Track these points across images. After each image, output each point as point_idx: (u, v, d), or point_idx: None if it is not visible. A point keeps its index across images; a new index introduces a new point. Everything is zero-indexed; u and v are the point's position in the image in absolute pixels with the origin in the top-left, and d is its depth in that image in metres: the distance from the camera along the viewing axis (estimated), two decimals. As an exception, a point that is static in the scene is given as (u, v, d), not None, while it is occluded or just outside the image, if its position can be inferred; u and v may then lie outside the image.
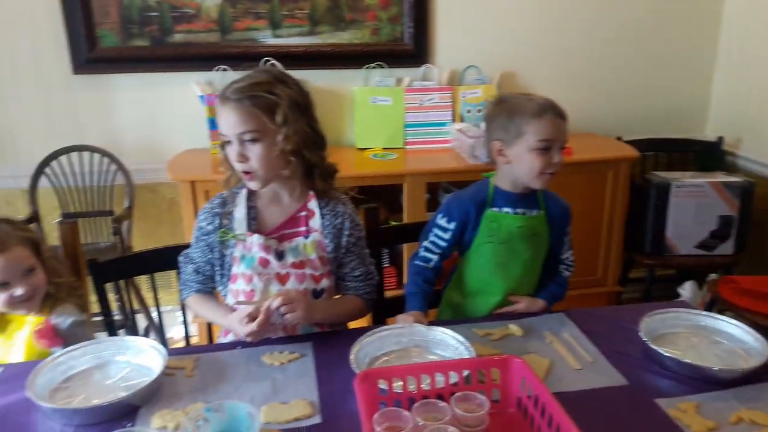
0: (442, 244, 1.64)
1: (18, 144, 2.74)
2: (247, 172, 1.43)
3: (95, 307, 1.69)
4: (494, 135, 1.58)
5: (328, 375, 1.30)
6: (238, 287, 1.50)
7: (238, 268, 1.49)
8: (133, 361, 1.34)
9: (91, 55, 2.65)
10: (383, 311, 1.77)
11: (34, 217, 2.68)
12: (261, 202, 1.53)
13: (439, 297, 1.72)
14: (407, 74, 2.95)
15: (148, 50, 2.71)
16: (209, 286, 1.58)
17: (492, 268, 1.62)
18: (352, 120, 2.95)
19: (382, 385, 1.14)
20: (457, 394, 1.12)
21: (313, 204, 1.53)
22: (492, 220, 1.60)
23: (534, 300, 1.65)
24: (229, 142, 1.41)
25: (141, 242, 2.85)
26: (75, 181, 2.74)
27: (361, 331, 1.42)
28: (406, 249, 2.67)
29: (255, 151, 1.39)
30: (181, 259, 1.61)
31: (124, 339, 1.38)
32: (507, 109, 1.56)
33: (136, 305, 2.72)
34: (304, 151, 1.46)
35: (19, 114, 2.72)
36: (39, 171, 2.66)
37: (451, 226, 1.62)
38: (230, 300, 1.53)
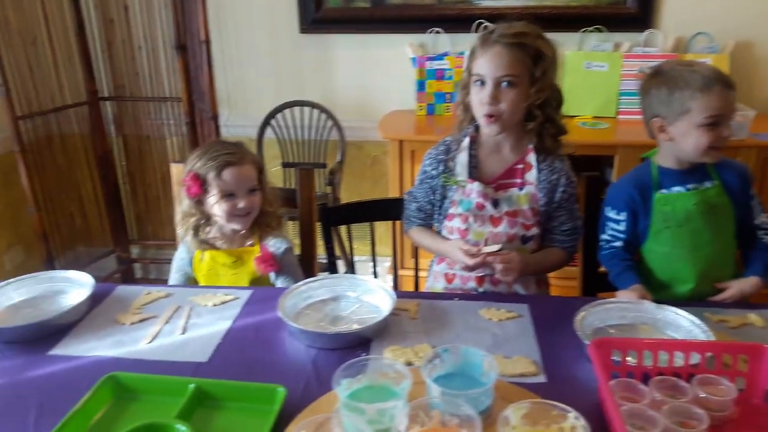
0: (621, 235, 1.56)
1: (250, 97, 3.03)
2: (491, 116, 1.47)
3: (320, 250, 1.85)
4: (653, 111, 1.46)
5: (548, 338, 1.29)
6: (454, 225, 1.60)
7: (455, 209, 1.59)
8: (363, 298, 1.44)
9: (317, 15, 2.84)
10: (596, 286, 1.72)
11: (259, 164, 2.97)
12: (482, 151, 1.59)
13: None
14: (627, 39, 2.77)
15: (367, 11, 2.83)
16: (428, 222, 1.69)
17: (677, 255, 1.50)
18: (561, 85, 2.83)
19: (616, 356, 1.11)
20: (699, 376, 1.06)
21: (531, 158, 1.56)
22: (664, 203, 1.49)
23: (744, 281, 1.47)
24: (480, 82, 1.46)
25: (344, 195, 3.04)
26: (295, 134, 2.98)
27: (583, 301, 1.38)
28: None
29: (509, 95, 1.45)
30: (405, 197, 1.73)
31: (356, 277, 1.48)
32: (667, 82, 1.43)
33: (337, 252, 2.91)
34: (547, 107, 1.49)
35: (253, 70, 3.00)
36: (266, 122, 2.93)
37: (622, 216, 1.55)
38: (445, 234, 1.64)
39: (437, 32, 2.80)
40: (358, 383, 1.06)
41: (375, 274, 1.98)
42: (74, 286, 1.50)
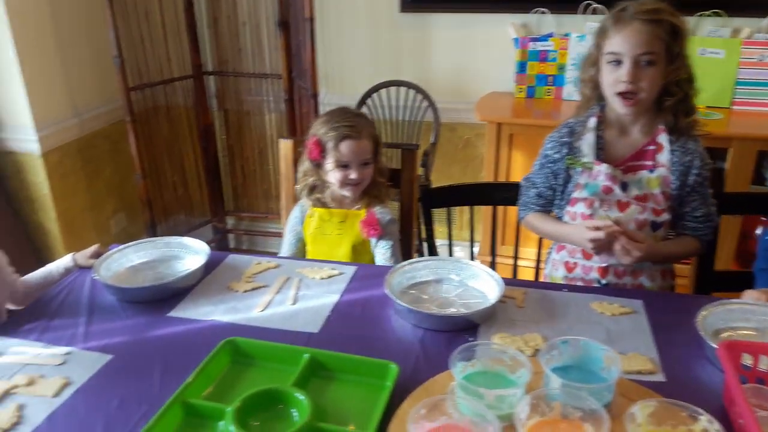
0: None
1: (347, 75, 3.05)
2: (628, 95, 1.43)
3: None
4: None
5: (666, 336, 1.24)
6: (577, 210, 1.55)
7: (579, 193, 1.54)
8: (468, 282, 1.43)
9: (419, -7, 2.81)
10: (712, 284, 1.63)
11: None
12: (609, 132, 1.54)
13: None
14: (748, 24, 2.58)
15: (470, -10, 2.78)
16: (547, 208, 1.65)
17: None
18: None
19: (747, 360, 1.04)
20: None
21: (662, 138, 1.50)
22: None
23: None
24: (615, 62, 1.42)
25: (434, 178, 3.02)
26: (389, 114, 2.98)
27: (701, 300, 1.32)
28: (727, 223, 2.40)
29: (648, 74, 1.41)
30: (523, 182, 1.69)
31: (460, 260, 1.47)
32: None
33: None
34: (684, 84, 1.44)
35: (351, 48, 3.02)
36: (362, 101, 2.94)
37: None
38: (566, 221, 1.59)
39: (542, 12, 2.71)
40: (472, 367, 1.05)
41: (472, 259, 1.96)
42: (189, 252, 1.56)
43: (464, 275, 1.44)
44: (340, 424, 1.00)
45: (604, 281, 1.56)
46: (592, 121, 1.53)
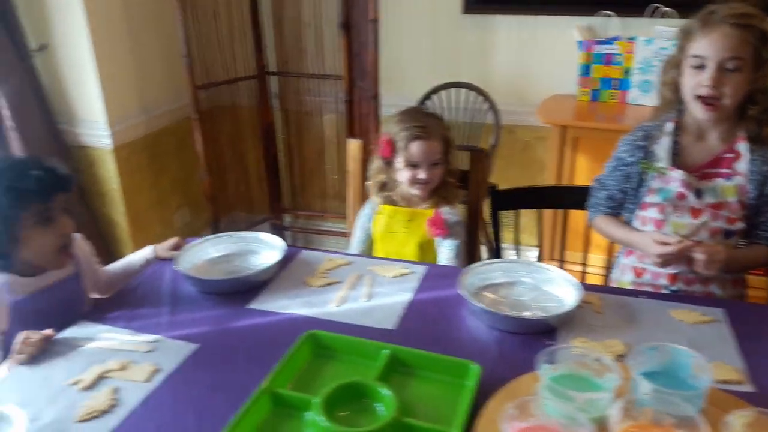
0: None
1: (407, 76, 3.07)
2: (709, 100, 1.40)
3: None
4: None
5: (752, 347, 1.21)
6: (648, 215, 1.53)
7: (652, 198, 1.51)
8: (541, 285, 1.42)
9: (483, -5, 2.81)
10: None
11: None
12: (686, 138, 1.52)
13: None
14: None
15: (535, -8, 2.76)
16: (617, 211, 1.63)
17: None
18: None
19: None
20: None
21: (741, 147, 1.46)
22: None
23: None
24: (700, 66, 1.40)
25: (492, 180, 3.00)
26: (449, 115, 2.97)
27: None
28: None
29: (733, 80, 1.38)
30: (593, 184, 1.67)
31: (534, 263, 1.47)
32: None
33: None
34: None
35: (412, 49, 3.03)
36: (421, 102, 2.95)
37: None
38: (636, 225, 1.57)
39: (608, 15, 2.67)
40: (555, 371, 1.05)
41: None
42: (264, 247, 1.61)
43: (538, 278, 1.44)
44: (423, 421, 1.01)
45: (673, 287, 1.54)
46: (669, 126, 1.51)
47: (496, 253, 1.83)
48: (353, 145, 1.90)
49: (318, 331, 1.22)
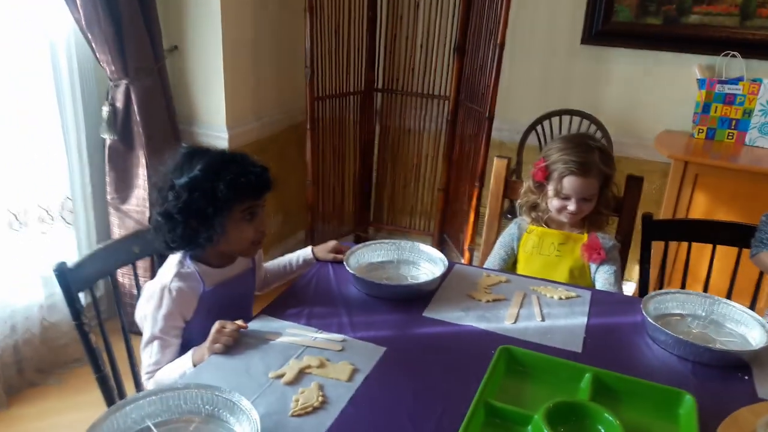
0: None
1: (517, 101, 3.08)
2: None
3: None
4: None
5: None
6: None
7: None
8: (715, 318, 1.41)
9: (603, 28, 2.82)
10: None
11: (515, 170, 3.01)
12: None
13: None
14: None
15: (658, 28, 2.76)
16: None
17: None
18: None
19: None
20: None
21: None
22: None
23: None
24: None
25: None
26: (557, 143, 2.97)
27: None
28: None
29: None
30: (763, 218, 1.65)
31: (710, 296, 1.43)
32: None
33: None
34: None
35: (525, 74, 3.05)
36: (531, 128, 2.96)
37: None
38: None
39: (733, 56, 2.65)
40: None
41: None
42: (421, 257, 1.61)
43: (718, 314, 1.41)
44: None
45: None
46: None
47: (643, 284, 1.80)
48: (499, 164, 1.90)
49: (512, 346, 1.21)
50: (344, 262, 1.50)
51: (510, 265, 1.80)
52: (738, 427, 1.01)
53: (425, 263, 1.59)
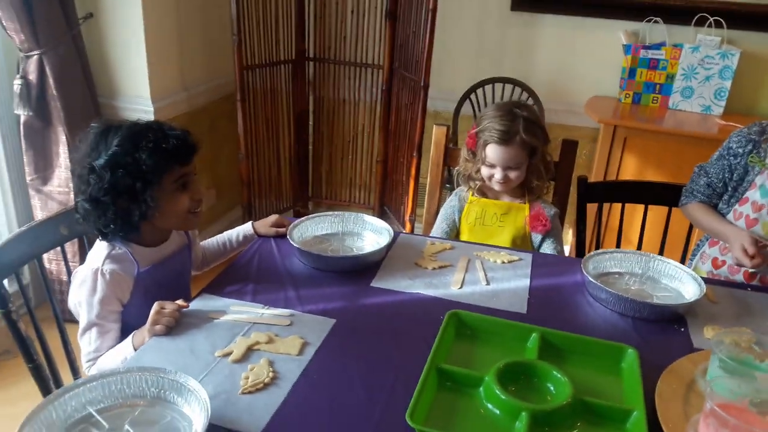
0: None
1: (449, 69, 3.08)
2: None
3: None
4: None
5: None
6: (744, 210, 1.56)
7: (752, 194, 1.55)
8: (651, 275, 1.47)
9: (533, -6, 2.84)
10: None
11: (452, 139, 3.02)
12: None
13: None
14: None
15: (586, -5, 2.81)
16: (712, 201, 1.66)
17: None
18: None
19: None
20: None
21: None
22: None
23: None
24: None
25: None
26: (491, 110, 3.00)
27: None
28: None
29: None
30: (695, 170, 1.71)
31: (648, 254, 1.49)
32: None
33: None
34: None
35: (456, 43, 3.05)
36: (465, 96, 2.97)
37: None
38: (730, 218, 1.60)
39: (655, 21, 2.74)
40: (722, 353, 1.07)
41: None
42: (366, 228, 1.59)
43: (646, 268, 1.47)
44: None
45: (749, 285, 1.55)
46: None
47: (580, 245, 1.85)
48: (438, 132, 1.90)
49: (460, 311, 1.22)
50: (288, 236, 1.46)
51: (453, 237, 1.80)
52: (678, 377, 1.06)
53: (370, 234, 1.58)
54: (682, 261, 1.79)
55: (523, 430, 0.93)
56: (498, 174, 1.66)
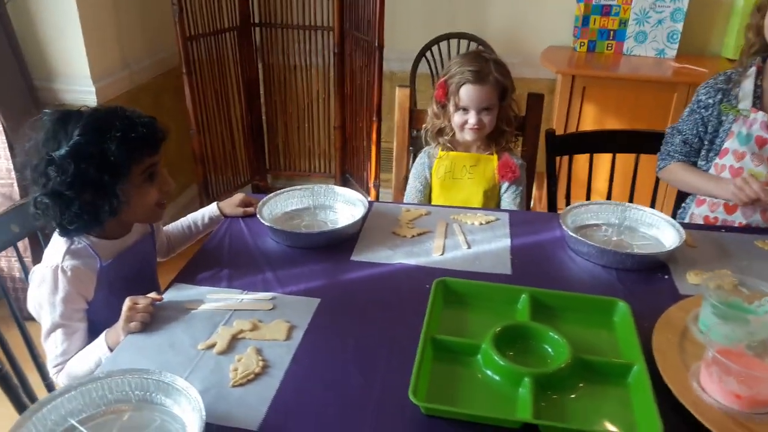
0: None
1: (403, 29, 2.99)
2: None
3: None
4: None
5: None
6: (726, 162, 1.55)
7: (731, 144, 1.54)
8: (629, 224, 1.47)
9: (481, -56, 2.76)
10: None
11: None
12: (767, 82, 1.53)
13: None
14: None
15: (534, -58, 2.75)
16: (692, 159, 1.65)
17: None
18: None
19: None
20: None
21: None
22: None
23: None
24: None
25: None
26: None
27: None
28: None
29: None
30: (667, 131, 1.69)
31: (625, 204, 1.48)
32: None
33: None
34: None
35: (407, 1, 2.95)
36: (420, 55, 2.90)
37: None
38: (712, 173, 1.58)
39: (606, -34, 2.71)
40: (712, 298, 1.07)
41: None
42: (338, 200, 1.53)
43: (629, 219, 1.46)
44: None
45: (722, 228, 1.56)
46: (752, 70, 1.53)
47: (551, 198, 1.84)
48: (401, 93, 1.84)
49: (448, 278, 1.18)
50: (257, 215, 1.40)
51: (427, 195, 1.77)
52: (671, 325, 1.06)
53: (342, 206, 1.52)
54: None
55: (527, 395, 0.92)
56: (472, 118, 1.64)
